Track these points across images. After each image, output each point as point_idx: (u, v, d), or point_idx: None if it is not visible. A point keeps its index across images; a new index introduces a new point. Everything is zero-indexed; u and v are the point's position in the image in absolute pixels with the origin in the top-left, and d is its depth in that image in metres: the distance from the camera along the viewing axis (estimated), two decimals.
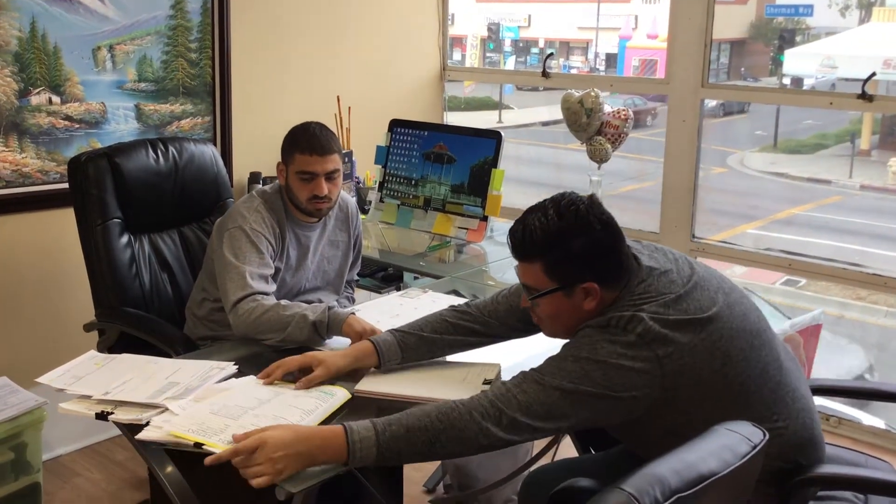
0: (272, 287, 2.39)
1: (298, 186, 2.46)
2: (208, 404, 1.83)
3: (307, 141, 2.46)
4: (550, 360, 1.71)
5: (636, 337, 1.65)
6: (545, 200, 1.78)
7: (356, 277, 2.90)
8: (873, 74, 3.22)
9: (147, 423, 1.76)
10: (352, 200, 2.76)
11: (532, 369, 1.71)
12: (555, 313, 1.79)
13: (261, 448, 1.59)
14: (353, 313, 2.20)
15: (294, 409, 1.80)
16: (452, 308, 2.08)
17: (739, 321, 1.76)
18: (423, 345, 2.03)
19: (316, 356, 1.96)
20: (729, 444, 1.41)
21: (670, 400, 1.67)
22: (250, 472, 1.59)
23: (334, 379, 1.95)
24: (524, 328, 2.03)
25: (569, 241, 1.73)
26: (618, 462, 1.90)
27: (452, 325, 2.04)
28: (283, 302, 2.28)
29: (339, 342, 2.19)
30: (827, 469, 1.85)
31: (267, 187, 2.58)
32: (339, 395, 1.89)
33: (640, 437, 1.79)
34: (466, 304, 2.09)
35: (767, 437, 1.44)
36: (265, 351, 2.20)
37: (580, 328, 1.74)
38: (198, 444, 1.67)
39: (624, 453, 2.02)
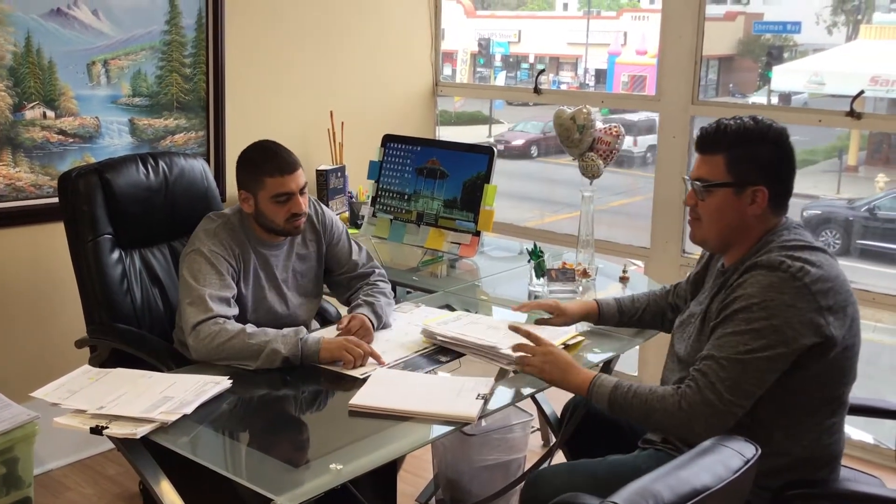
0: (234, 310, 2.34)
1: (274, 210, 2.42)
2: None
3: (274, 162, 2.41)
4: (725, 332, 1.81)
5: (804, 286, 1.77)
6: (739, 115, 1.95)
7: (377, 266, 2.70)
8: (861, 92, 3.25)
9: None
10: (313, 205, 2.66)
11: (712, 346, 1.83)
12: (719, 210, 1.91)
13: (546, 353, 2.04)
14: (321, 340, 2.19)
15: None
16: (663, 287, 2.44)
17: None
18: (634, 312, 2.40)
19: (559, 306, 2.42)
20: (722, 458, 1.42)
21: (822, 351, 1.79)
22: (526, 360, 2.07)
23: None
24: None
25: (757, 144, 1.88)
26: (631, 470, 1.92)
27: (654, 302, 2.40)
28: (249, 328, 2.22)
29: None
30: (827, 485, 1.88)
31: (227, 210, 2.54)
32: (566, 335, 2.35)
33: (759, 410, 1.84)
34: (674, 285, 2.39)
35: (759, 452, 1.45)
36: None
37: (748, 266, 1.84)
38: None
39: (638, 459, 2.04)
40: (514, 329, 2.21)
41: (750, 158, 1.88)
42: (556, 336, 2.28)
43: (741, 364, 1.77)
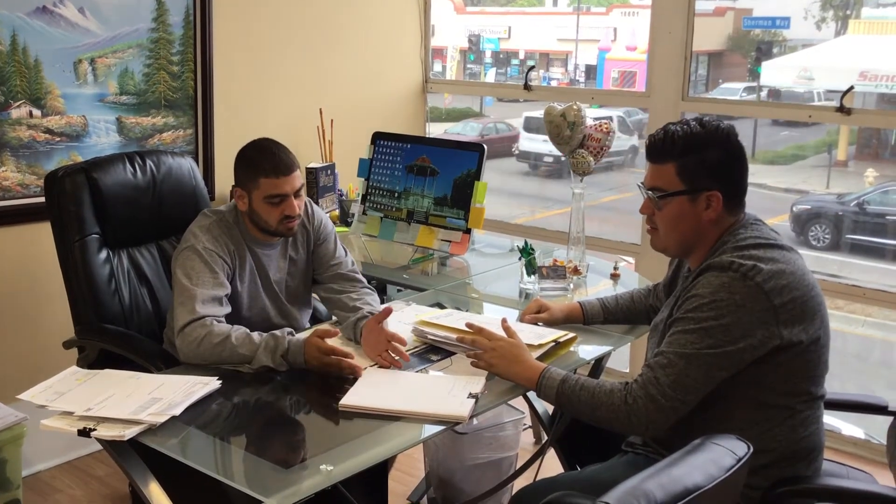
0: (226, 309, 2.30)
1: (267, 210, 2.38)
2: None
3: (270, 163, 2.36)
4: (675, 330, 1.83)
5: (755, 285, 1.76)
6: (686, 118, 1.95)
7: (362, 278, 2.64)
8: (851, 88, 3.25)
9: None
10: (306, 206, 2.62)
11: (663, 345, 1.84)
12: (675, 218, 1.92)
13: (495, 348, 2.03)
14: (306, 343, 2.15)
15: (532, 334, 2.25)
16: (646, 286, 2.46)
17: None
18: (619, 310, 2.42)
19: (544, 303, 2.45)
20: (713, 457, 1.41)
21: (779, 349, 1.78)
22: (475, 355, 2.07)
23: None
24: None
25: (705, 149, 1.88)
26: (611, 477, 1.91)
27: (638, 299, 2.42)
28: (234, 335, 2.16)
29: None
30: (815, 481, 1.88)
31: (222, 206, 2.51)
32: (558, 332, 2.29)
33: (722, 406, 1.84)
34: (654, 285, 2.40)
35: (751, 450, 1.45)
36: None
37: (703, 269, 1.85)
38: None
39: (615, 466, 2.03)
40: (469, 326, 2.18)
41: (700, 164, 1.88)
42: (547, 334, 2.27)
43: (685, 359, 1.78)
